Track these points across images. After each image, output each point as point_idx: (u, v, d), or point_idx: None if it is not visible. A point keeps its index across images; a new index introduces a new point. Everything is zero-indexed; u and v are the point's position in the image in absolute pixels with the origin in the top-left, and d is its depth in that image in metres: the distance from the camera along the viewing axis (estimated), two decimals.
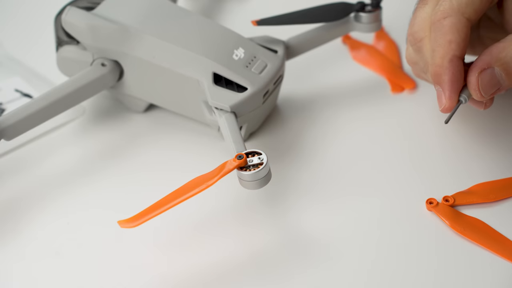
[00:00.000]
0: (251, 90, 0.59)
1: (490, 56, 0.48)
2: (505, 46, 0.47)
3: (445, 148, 0.60)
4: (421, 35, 0.51)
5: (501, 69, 0.47)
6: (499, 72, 0.48)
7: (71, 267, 0.54)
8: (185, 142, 0.63)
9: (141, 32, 0.60)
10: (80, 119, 0.65)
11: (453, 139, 0.61)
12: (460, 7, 0.47)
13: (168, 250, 0.54)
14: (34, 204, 0.58)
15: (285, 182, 0.58)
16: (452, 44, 0.47)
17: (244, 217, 0.56)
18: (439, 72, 0.48)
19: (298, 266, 0.52)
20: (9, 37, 0.76)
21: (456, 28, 0.47)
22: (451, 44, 0.47)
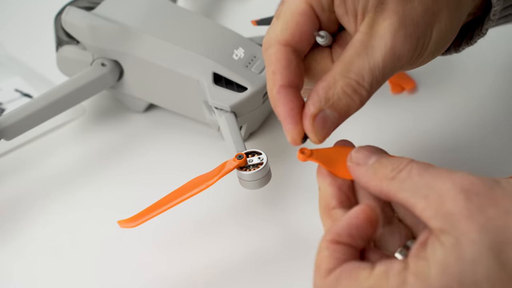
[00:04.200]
0: (251, 90, 0.59)
1: (318, 97, 0.45)
2: (329, 83, 0.45)
3: (445, 148, 0.60)
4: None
5: (332, 110, 0.45)
6: (331, 113, 0.45)
7: (70, 267, 0.54)
8: (185, 142, 0.63)
9: (141, 32, 0.60)
10: (80, 119, 0.65)
11: (453, 139, 0.61)
12: (277, 35, 0.45)
13: (168, 250, 0.54)
14: (34, 204, 0.58)
15: (285, 182, 0.58)
16: (276, 75, 0.45)
17: (243, 217, 0.56)
18: (273, 104, 0.46)
19: (298, 266, 0.52)
20: (9, 37, 0.76)
21: (276, 57, 0.45)
22: (274, 74, 0.45)
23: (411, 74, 0.67)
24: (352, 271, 0.42)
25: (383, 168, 0.44)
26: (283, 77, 0.45)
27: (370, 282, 0.41)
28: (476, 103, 0.65)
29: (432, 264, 0.40)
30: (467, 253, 0.39)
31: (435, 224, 0.40)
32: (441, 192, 0.41)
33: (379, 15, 0.44)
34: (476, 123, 0.62)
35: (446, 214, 0.40)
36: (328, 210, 0.45)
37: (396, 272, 0.40)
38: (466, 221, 0.40)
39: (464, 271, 0.39)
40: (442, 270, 0.39)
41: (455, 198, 0.40)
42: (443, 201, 0.40)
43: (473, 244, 0.39)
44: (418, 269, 0.40)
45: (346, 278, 0.42)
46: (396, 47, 0.44)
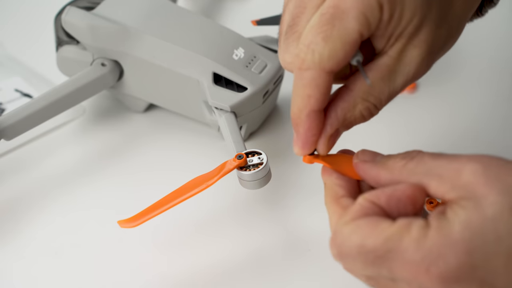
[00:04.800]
0: (251, 90, 0.59)
1: (337, 118, 0.45)
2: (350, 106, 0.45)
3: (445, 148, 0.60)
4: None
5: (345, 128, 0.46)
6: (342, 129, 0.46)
7: (70, 267, 0.54)
8: (185, 142, 0.63)
9: (141, 32, 0.60)
10: (80, 119, 0.65)
11: (453, 138, 0.61)
12: (322, 61, 0.43)
13: (168, 250, 0.54)
14: (34, 204, 0.58)
15: (285, 182, 0.58)
16: (311, 99, 0.44)
17: (243, 217, 0.56)
18: (296, 122, 0.45)
19: (298, 266, 0.52)
20: (9, 37, 0.76)
21: (316, 83, 0.44)
22: (310, 98, 0.44)
23: None
24: (373, 220, 0.42)
25: (393, 159, 0.44)
26: (319, 103, 0.44)
27: (391, 230, 0.41)
28: (477, 102, 0.65)
29: (455, 222, 0.40)
30: (488, 212, 0.39)
31: (452, 195, 0.41)
32: (457, 167, 0.41)
33: (411, 41, 0.44)
34: (477, 122, 0.62)
35: (463, 185, 0.41)
36: (336, 199, 0.45)
37: (419, 227, 0.40)
38: (484, 187, 0.40)
39: (486, 228, 0.39)
40: (465, 226, 0.39)
41: (472, 169, 0.41)
42: (460, 174, 0.41)
43: (493, 205, 0.39)
44: (440, 225, 0.40)
45: (365, 225, 0.42)
46: (418, 73, 0.45)
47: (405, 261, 0.40)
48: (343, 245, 0.42)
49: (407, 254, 0.40)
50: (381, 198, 0.43)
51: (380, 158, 0.45)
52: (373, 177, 0.45)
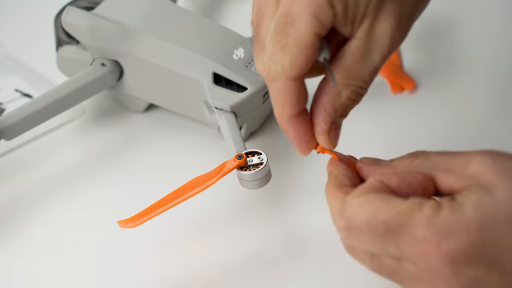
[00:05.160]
0: (251, 90, 0.59)
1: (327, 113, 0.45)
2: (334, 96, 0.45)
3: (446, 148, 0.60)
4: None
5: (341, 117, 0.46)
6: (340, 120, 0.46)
7: (70, 267, 0.54)
8: (185, 142, 0.63)
9: (141, 32, 0.60)
10: (80, 119, 0.65)
11: (454, 138, 0.61)
12: (285, 71, 0.43)
13: (168, 250, 0.54)
14: (34, 204, 0.58)
15: (285, 182, 0.58)
16: (286, 107, 0.45)
17: (243, 217, 0.56)
18: (283, 129, 0.46)
19: (297, 266, 0.52)
20: (9, 37, 0.76)
21: (286, 92, 0.44)
22: (284, 106, 0.45)
23: (411, 74, 0.67)
24: (384, 196, 0.42)
25: (398, 159, 0.45)
26: (294, 109, 0.45)
27: (403, 206, 0.41)
28: (477, 102, 0.65)
29: (466, 204, 0.40)
30: (499, 196, 0.40)
31: (460, 184, 0.41)
32: (465, 160, 0.41)
33: (377, 17, 0.44)
34: (477, 122, 0.62)
35: (471, 175, 0.41)
36: (341, 187, 0.45)
37: (431, 205, 0.40)
38: (493, 176, 0.40)
39: (498, 209, 0.39)
40: (477, 206, 0.40)
41: (480, 161, 0.41)
42: (468, 166, 0.41)
43: (503, 190, 0.40)
44: (453, 206, 0.40)
45: (377, 199, 0.41)
46: (394, 45, 0.44)
47: (416, 237, 0.40)
48: (352, 217, 0.42)
49: (418, 230, 0.40)
50: (392, 181, 0.43)
51: (383, 161, 0.46)
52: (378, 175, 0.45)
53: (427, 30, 0.72)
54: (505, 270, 0.40)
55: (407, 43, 0.71)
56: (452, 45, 0.71)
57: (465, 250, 0.39)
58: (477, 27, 0.73)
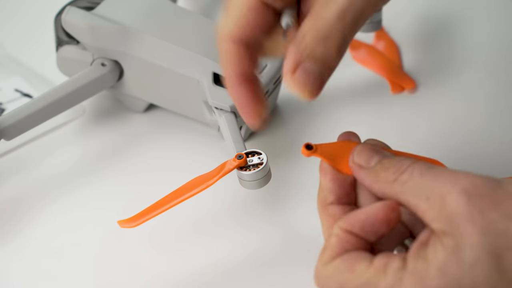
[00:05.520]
0: None
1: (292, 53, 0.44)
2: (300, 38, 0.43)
3: (446, 148, 0.60)
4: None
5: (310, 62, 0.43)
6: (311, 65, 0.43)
7: (71, 267, 0.54)
8: (185, 142, 0.63)
9: (141, 32, 0.60)
10: (80, 119, 0.65)
11: (454, 138, 0.61)
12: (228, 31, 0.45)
13: (167, 250, 0.54)
14: (34, 204, 0.58)
15: (285, 182, 0.58)
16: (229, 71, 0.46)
17: (243, 217, 0.56)
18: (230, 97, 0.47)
19: (297, 266, 0.52)
20: (9, 37, 0.76)
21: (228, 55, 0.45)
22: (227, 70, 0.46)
23: (411, 74, 0.67)
24: (351, 261, 0.42)
25: (385, 171, 0.44)
26: (235, 73, 0.46)
27: (367, 275, 0.41)
28: (477, 102, 0.65)
29: (431, 265, 0.40)
30: (466, 256, 0.39)
31: (437, 226, 0.40)
32: (442, 193, 0.41)
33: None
34: (477, 122, 0.62)
35: (448, 216, 0.40)
36: (324, 205, 0.46)
37: (394, 269, 0.40)
38: (467, 223, 0.39)
39: (462, 275, 0.39)
40: (441, 272, 0.39)
41: (456, 199, 0.40)
42: (445, 202, 0.40)
43: (472, 248, 0.39)
44: (416, 269, 0.40)
45: (344, 267, 0.42)
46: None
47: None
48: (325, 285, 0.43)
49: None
50: (356, 226, 0.43)
51: (374, 163, 0.45)
52: (366, 186, 0.45)
53: (427, 30, 0.73)
54: None
55: (407, 43, 0.71)
56: (452, 45, 0.71)
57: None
58: (477, 27, 0.73)
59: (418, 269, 0.40)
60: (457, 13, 0.74)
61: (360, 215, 0.43)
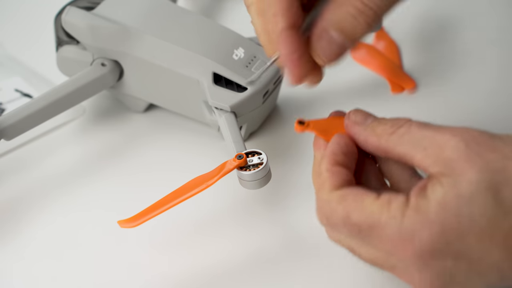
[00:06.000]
0: (251, 90, 0.59)
1: (323, 19, 0.44)
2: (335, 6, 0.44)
3: None
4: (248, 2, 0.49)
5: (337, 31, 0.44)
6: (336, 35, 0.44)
7: (70, 267, 0.54)
8: (185, 142, 0.63)
9: (141, 32, 0.60)
10: (80, 119, 0.65)
11: None
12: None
13: (168, 250, 0.54)
14: (34, 204, 0.58)
15: (285, 182, 0.58)
16: (277, 17, 0.45)
17: (243, 217, 0.56)
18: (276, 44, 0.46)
19: (298, 266, 0.52)
20: (9, 37, 0.76)
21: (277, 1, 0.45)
22: (276, 17, 0.45)
23: (411, 74, 0.67)
24: (358, 194, 0.44)
25: (382, 125, 0.46)
26: (285, 19, 0.45)
27: (373, 208, 0.43)
28: (477, 102, 0.65)
29: (431, 202, 0.41)
30: (465, 191, 0.41)
31: (434, 169, 0.42)
32: (440, 142, 0.42)
33: None
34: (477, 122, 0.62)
35: (445, 160, 0.42)
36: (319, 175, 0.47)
37: (398, 205, 0.42)
38: (464, 164, 0.41)
39: (461, 208, 0.41)
40: (441, 207, 0.41)
41: (454, 146, 0.42)
42: (443, 149, 0.42)
43: (470, 183, 0.41)
44: (418, 205, 0.42)
45: (352, 199, 0.44)
46: None
47: (384, 237, 0.42)
48: (331, 216, 0.44)
49: (386, 231, 0.42)
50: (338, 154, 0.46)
51: (371, 121, 0.47)
52: (361, 141, 0.47)
53: (427, 30, 0.73)
54: (472, 260, 0.41)
55: (407, 43, 0.71)
56: (452, 44, 0.71)
57: (429, 248, 0.41)
58: (477, 27, 0.73)
59: (420, 205, 0.42)
60: (457, 14, 0.74)
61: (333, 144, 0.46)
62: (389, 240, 0.42)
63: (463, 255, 0.41)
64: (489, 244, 0.41)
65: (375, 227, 0.43)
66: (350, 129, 0.47)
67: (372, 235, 0.43)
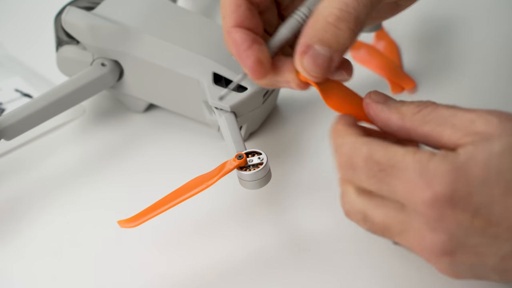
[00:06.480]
0: (251, 90, 0.59)
1: (303, 36, 0.44)
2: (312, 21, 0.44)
3: None
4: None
5: (321, 45, 0.44)
6: (321, 49, 0.44)
7: (70, 267, 0.54)
8: (185, 142, 0.63)
9: (141, 32, 0.60)
10: (80, 119, 0.65)
11: None
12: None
13: (167, 250, 0.54)
14: (34, 204, 0.58)
15: (285, 181, 0.58)
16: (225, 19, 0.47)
17: (243, 217, 0.56)
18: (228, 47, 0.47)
19: (298, 266, 0.52)
20: (9, 37, 0.76)
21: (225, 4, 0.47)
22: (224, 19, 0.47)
23: (411, 74, 0.67)
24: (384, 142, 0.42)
25: (407, 105, 0.44)
26: (231, 19, 0.46)
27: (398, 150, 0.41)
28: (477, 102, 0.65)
29: (461, 154, 0.40)
30: (496, 147, 0.40)
31: (465, 139, 0.41)
32: (471, 118, 0.42)
33: None
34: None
35: (477, 132, 0.41)
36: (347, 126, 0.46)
37: (426, 152, 0.41)
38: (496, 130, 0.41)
39: (491, 160, 0.40)
40: (470, 157, 0.40)
41: (486, 119, 0.41)
42: (474, 123, 0.41)
43: (502, 142, 0.40)
44: (447, 154, 0.40)
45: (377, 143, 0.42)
46: None
47: (405, 178, 0.41)
48: (354, 155, 0.43)
49: (408, 172, 0.41)
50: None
51: (392, 102, 0.45)
52: (383, 119, 0.45)
53: (427, 30, 0.73)
54: (490, 220, 0.40)
55: (407, 43, 0.71)
56: (452, 45, 0.71)
57: (450, 195, 0.40)
58: (477, 27, 0.73)
59: (447, 154, 0.40)
60: (457, 14, 0.74)
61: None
62: (408, 181, 0.41)
63: (482, 212, 0.40)
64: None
65: (396, 167, 0.41)
66: (370, 108, 0.46)
67: (392, 174, 0.41)
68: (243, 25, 0.46)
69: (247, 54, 0.46)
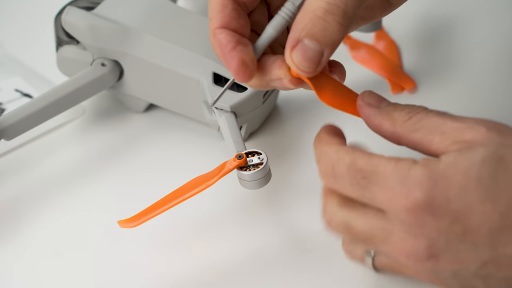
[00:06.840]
0: (251, 90, 0.59)
1: (293, 31, 0.44)
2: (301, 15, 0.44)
3: None
4: None
5: (310, 39, 0.44)
6: (310, 43, 0.44)
7: (70, 267, 0.54)
8: (185, 142, 0.63)
9: (141, 32, 0.60)
10: (80, 119, 0.66)
11: None
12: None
13: (167, 250, 0.54)
14: (34, 204, 0.58)
15: (285, 182, 0.58)
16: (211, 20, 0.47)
17: (243, 217, 0.56)
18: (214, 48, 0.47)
19: (298, 266, 0.52)
20: (9, 37, 0.76)
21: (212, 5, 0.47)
22: (211, 20, 0.47)
23: (411, 74, 0.67)
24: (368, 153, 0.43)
25: (399, 111, 0.45)
26: (217, 21, 0.46)
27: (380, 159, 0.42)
28: (477, 102, 0.65)
29: (442, 161, 0.40)
30: (478, 155, 0.40)
31: (452, 147, 0.41)
32: (461, 127, 0.42)
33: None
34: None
35: (465, 141, 0.41)
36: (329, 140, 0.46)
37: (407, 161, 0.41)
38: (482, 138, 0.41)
39: (471, 168, 0.40)
40: (451, 164, 0.40)
41: (476, 129, 0.41)
42: (463, 133, 0.41)
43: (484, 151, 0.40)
44: (427, 162, 0.41)
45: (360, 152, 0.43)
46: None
47: (386, 186, 0.41)
48: (337, 163, 0.43)
49: (389, 180, 0.41)
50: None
51: (385, 105, 0.45)
52: (375, 125, 0.45)
53: (427, 30, 0.73)
54: (469, 226, 0.40)
55: (407, 43, 0.71)
56: (452, 45, 0.71)
57: (428, 202, 0.40)
58: (477, 27, 0.73)
59: (429, 162, 0.41)
60: (457, 13, 0.74)
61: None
62: (390, 189, 0.41)
63: (461, 218, 0.40)
64: (491, 208, 0.40)
65: (379, 174, 0.41)
66: (363, 111, 0.46)
67: (375, 181, 0.41)
68: (229, 26, 0.46)
69: (231, 56, 0.46)
